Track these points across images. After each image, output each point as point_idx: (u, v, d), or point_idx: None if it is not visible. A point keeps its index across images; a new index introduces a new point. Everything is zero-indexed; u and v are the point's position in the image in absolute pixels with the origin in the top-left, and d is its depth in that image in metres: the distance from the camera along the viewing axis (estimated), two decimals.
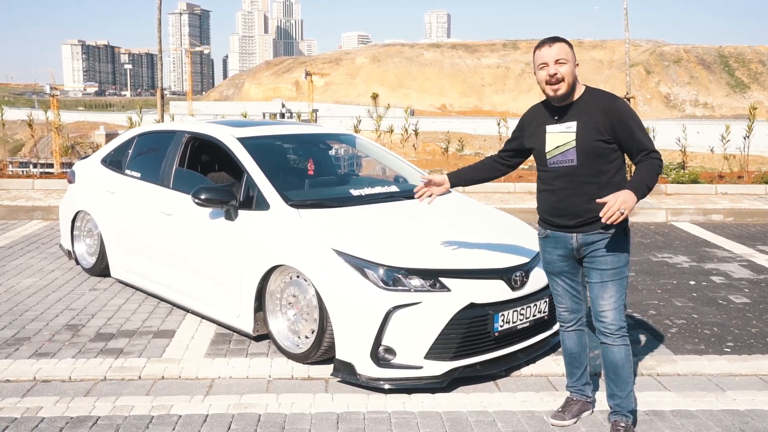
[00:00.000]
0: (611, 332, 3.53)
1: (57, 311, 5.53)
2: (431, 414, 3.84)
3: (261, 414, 3.81)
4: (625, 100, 3.46)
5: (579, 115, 3.47)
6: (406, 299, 4.05)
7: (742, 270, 7.29)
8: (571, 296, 3.74)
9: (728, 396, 4.14)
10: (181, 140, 5.74)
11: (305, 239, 4.48)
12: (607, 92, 3.56)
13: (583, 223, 3.50)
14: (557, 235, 3.62)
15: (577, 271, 3.69)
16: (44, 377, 4.26)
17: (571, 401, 3.84)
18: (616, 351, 3.54)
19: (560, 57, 3.42)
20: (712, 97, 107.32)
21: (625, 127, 3.41)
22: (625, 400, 3.59)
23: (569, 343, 3.81)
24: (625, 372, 3.56)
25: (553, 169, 3.55)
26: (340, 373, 4.20)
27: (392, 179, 5.96)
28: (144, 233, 5.79)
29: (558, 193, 3.55)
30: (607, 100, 3.48)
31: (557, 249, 3.65)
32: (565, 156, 3.49)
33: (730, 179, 13.49)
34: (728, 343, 5.07)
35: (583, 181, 3.47)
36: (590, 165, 3.45)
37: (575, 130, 3.45)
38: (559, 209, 3.56)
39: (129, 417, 3.75)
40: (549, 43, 3.47)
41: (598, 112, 3.44)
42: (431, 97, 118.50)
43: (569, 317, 3.77)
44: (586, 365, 3.84)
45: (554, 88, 3.44)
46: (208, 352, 4.71)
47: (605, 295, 3.52)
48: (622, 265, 3.52)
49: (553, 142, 3.54)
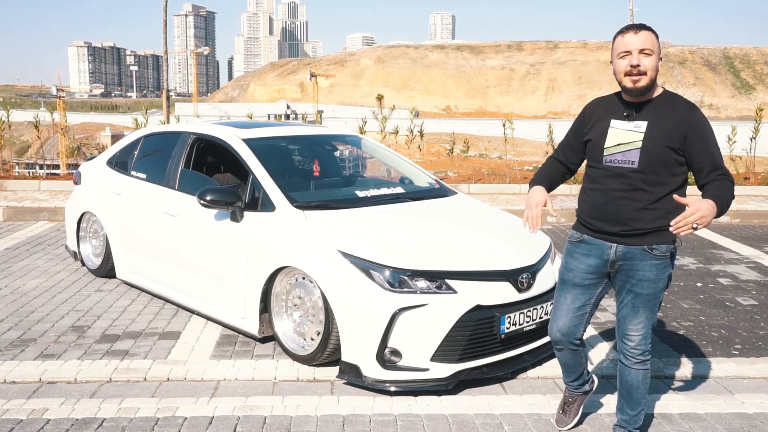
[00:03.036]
0: (634, 356, 3.33)
1: (63, 312, 5.53)
2: (437, 416, 3.82)
3: (266, 416, 3.79)
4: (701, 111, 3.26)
5: (651, 116, 3.17)
6: (412, 301, 4.03)
7: (749, 272, 7.26)
8: (573, 316, 3.41)
9: (737, 399, 4.11)
10: (186, 141, 5.74)
11: (311, 240, 4.47)
12: (685, 99, 3.25)
13: (626, 233, 3.19)
14: (594, 241, 3.30)
15: (596, 290, 3.39)
16: (50, 379, 4.26)
17: (568, 401, 3.71)
18: (634, 374, 3.35)
19: (646, 47, 3.10)
20: (717, 98, 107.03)
21: (701, 140, 3.10)
22: (634, 418, 3.44)
23: (565, 358, 3.56)
24: (638, 394, 3.38)
25: (608, 167, 3.22)
26: (346, 375, 4.19)
27: (398, 180, 5.95)
28: (149, 234, 5.78)
29: (607, 194, 3.22)
30: (686, 109, 3.17)
31: (589, 257, 3.33)
32: (626, 156, 3.17)
33: (737, 181, 13.43)
34: (736, 346, 5.04)
35: (639, 186, 3.15)
36: (651, 172, 3.13)
37: (644, 131, 3.15)
38: (604, 212, 3.24)
39: (134, 419, 3.74)
40: (635, 29, 3.13)
41: (673, 118, 3.13)
42: (436, 98, 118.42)
43: (561, 338, 3.45)
44: (582, 371, 3.62)
45: (634, 79, 3.11)
46: (214, 354, 4.70)
47: (635, 320, 3.28)
48: (658, 291, 3.24)
49: (615, 139, 3.22)
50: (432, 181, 5.81)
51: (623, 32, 3.17)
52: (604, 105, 3.37)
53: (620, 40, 3.16)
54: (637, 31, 3.13)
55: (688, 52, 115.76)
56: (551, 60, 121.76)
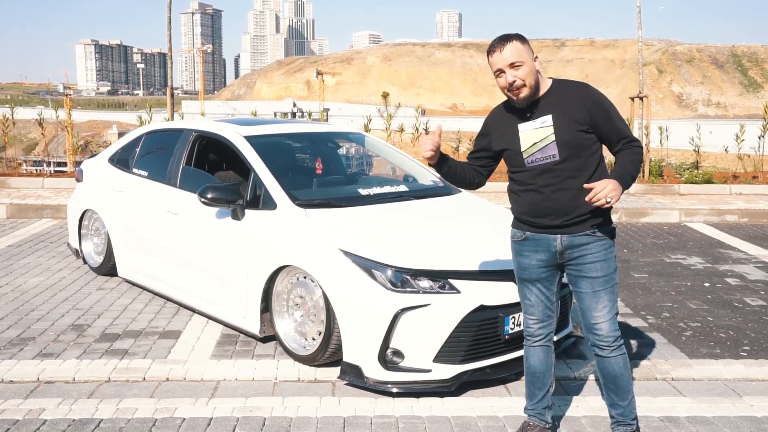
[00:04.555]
0: (607, 344, 3.30)
1: (63, 311, 5.49)
2: (440, 419, 3.76)
3: (266, 417, 3.73)
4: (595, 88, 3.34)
5: (552, 107, 3.25)
6: (414, 301, 3.97)
7: (757, 272, 7.16)
8: (545, 307, 3.45)
9: (745, 402, 4.04)
10: (188, 139, 5.68)
11: (312, 239, 4.41)
12: (576, 81, 3.36)
13: (569, 222, 3.25)
14: (538, 237, 3.34)
15: (554, 279, 3.43)
16: (48, 378, 4.21)
17: (527, 427, 3.54)
18: (614, 362, 3.32)
19: (514, 60, 3.17)
20: (724, 96, 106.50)
21: (604, 114, 3.22)
22: (628, 408, 3.39)
23: (534, 360, 3.49)
24: (624, 381, 3.35)
25: (533, 167, 3.28)
26: (348, 376, 4.13)
27: (402, 178, 5.88)
28: (151, 232, 5.73)
29: (541, 191, 3.27)
30: (580, 90, 3.29)
31: (537, 253, 3.36)
32: (545, 152, 3.24)
33: (745, 179, 13.33)
34: (744, 347, 4.96)
35: (567, 176, 3.23)
36: (573, 158, 3.22)
37: (551, 124, 3.22)
38: (543, 208, 3.28)
39: (132, 420, 3.68)
40: (500, 46, 3.20)
41: (572, 102, 3.23)
42: (442, 96, 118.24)
43: (539, 331, 3.48)
44: (549, 387, 3.52)
45: (515, 93, 3.21)
46: (214, 354, 4.65)
47: (598, 306, 3.29)
48: (612, 272, 3.30)
49: (528, 140, 3.27)
50: (436, 179, 5.73)
51: (491, 52, 3.24)
52: (503, 114, 3.42)
53: (491, 60, 3.24)
54: (502, 48, 3.20)
55: (695, 51, 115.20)
56: (558, 58, 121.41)
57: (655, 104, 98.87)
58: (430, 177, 5.77)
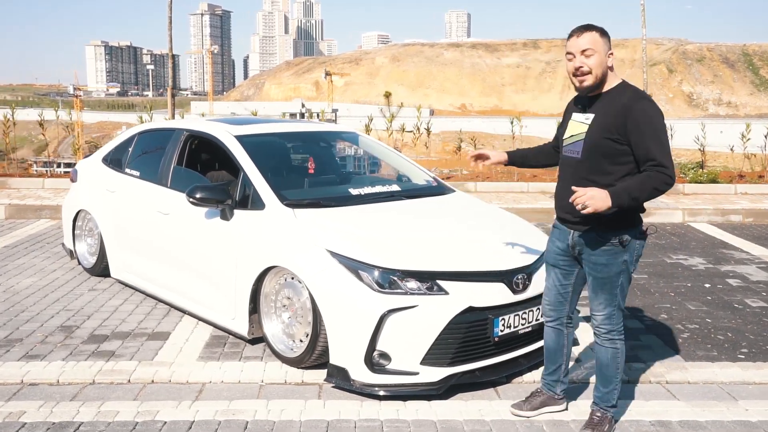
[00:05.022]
0: (600, 334, 3.53)
1: (53, 312, 5.44)
2: (425, 422, 3.68)
3: (249, 421, 3.67)
4: (653, 103, 3.29)
5: (601, 108, 3.35)
6: (401, 302, 3.90)
7: (760, 272, 7.05)
8: (557, 293, 3.67)
9: (740, 406, 3.94)
10: (179, 138, 5.63)
11: (300, 239, 4.34)
12: (637, 90, 3.37)
13: (577, 220, 3.40)
14: (560, 227, 3.57)
15: (572, 271, 3.61)
16: (32, 380, 4.16)
17: (536, 393, 3.81)
18: (603, 350, 3.54)
19: (587, 48, 3.28)
20: (735, 96, 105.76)
21: (637, 130, 3.21)
22: (606, 395, 3.57)
23: (548, 338, 3.78)
24: (609, 371, 3.54)
25: (564, 157, 3.50)
26: (334, 379, 4.06)
27: (395, 178, 5.81)
28: (142, 233, 5.68)
29: (561, 183, 3.50)
30: (630, 99, 3.28)
31: (558, 241, 3.59)
32: (574, 147, 3.41)
33: (751, 179, 13.17)
34: (743, 350, 4.86)
35: (583, 176, 3.34)
36: (593, 162, 3.32)
37: (590, 123, 3.35)
38: (561, 199, 3.49)
39: (112, 423, 3.63)
40: (578, 32, 3.34)
41: (617, 108, 3.27)
42: (451, 96, 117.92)
43: (549, 312, 3.73)
44: (560, 363, 3.77)
45: (580, 79, 3.33)
46: (201, 356, 4.59)
47: (596, 300, 3.50)
48: (612, 275, 3.41)
49: (570, 130, 3.46)
50: (430, 178, 5.66)
51: (570, 36, 3.37)
52: (575, 99, 3.58)
53: (568, 44, 3.37)
54: (580, 34, 3.32)
55: (706, 50, 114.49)
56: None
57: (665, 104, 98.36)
58: (424, 177, 5.69)
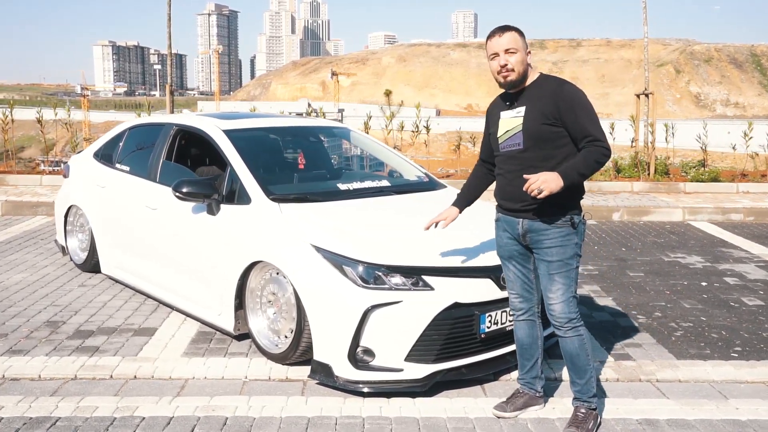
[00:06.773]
0: (561, 324, 3.53)
1: (41, 307, 5.41)
2: (408, 420, 3.62)
3: (228, 417, 3.62)
4: (575, 86, 3.55)
5: (529, 100, 3.50)
6: (385, 298, 3.84)
7: (758, 271, 6.96)
8: (522, 282, 3.70)
9: (730, 404, 3.87)
10: (168, 133, 5.59)
11: (285, 234, 4.29)
12: (557, 78, 3.57)
13: (527, 208, 3.49)
14: (506, 219, 3.64)
15: (528, 258, 3.67)
16: (13, 375, 4.12)
17: (517, 393, 3.80)
18: (569, 342, 3.54)
19: (510, 46, 3.45)
20: (743, 96, 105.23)
21: (570, 111, 3.40)
22: (584, 386, 3.56)
23: (520, 333, 3.76)
24: (581, 361, 3.54)
25: (503, 153, 3.59)
26: (318, 375, 4.00)
27: (387, 174, 5.75)
28: (131, 228, 5.64)
29: (506, 176, 3.58)
30: (556, 85, 3.49)
31: (506, 232, 3.66)
32: (513, 140, 3.52)
33: (753, 178, 13.06)
34: (736, 348, 4.78)
35: (528, 164, 3.46)
36: (536, 149, 3.46)
37: (523, 114, 3.49)
38: (507, 192, 3.58)
39: (90, 418, 3.58)
40: (499, 32, 3.50)
41: (545, 96, 3.45)
42: (457, 97, 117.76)
43: (520, 305, 3.73)
44: (537, 357, 3.77)
45: (504, 75, 3.48)
46: (186, 351, 4.54)
47: (553, 287, 3.51)
48: (567, 258, 3.49)
49: (504, 127, 3.58)
50: (421, 174, 5.60)
51: (490, 36, 3.52)
52: (496, 103, 3.72)
53: (489, 44, 3.52)
54: (501, 34, 3.48)
55: (713, 50, 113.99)
56: (574, 58, 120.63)
57: (673, 104, 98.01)
58: (416, 172, 5.63)
